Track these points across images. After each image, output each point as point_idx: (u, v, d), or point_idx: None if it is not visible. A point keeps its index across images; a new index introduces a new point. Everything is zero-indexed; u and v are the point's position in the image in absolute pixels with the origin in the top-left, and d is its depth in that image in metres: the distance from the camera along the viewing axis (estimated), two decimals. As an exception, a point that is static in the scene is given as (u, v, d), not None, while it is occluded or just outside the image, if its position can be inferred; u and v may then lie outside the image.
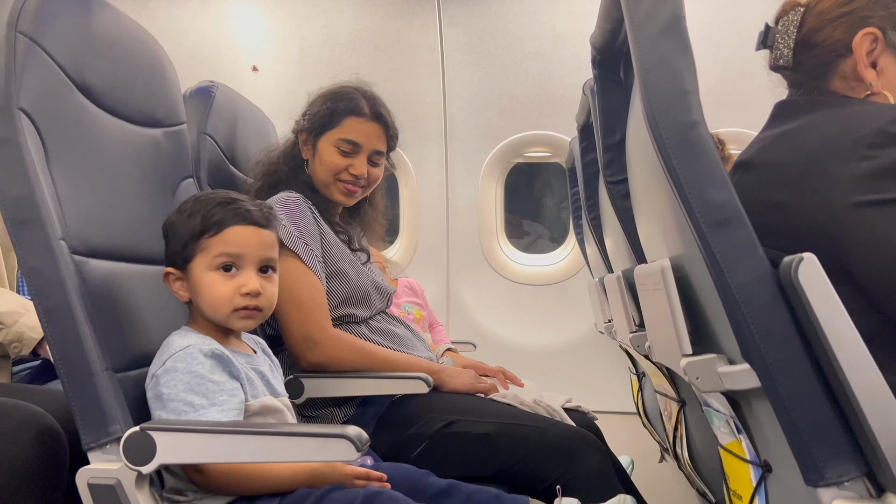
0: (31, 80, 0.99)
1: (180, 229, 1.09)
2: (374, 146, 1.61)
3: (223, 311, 1.08)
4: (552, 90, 2.77)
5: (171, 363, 1.01)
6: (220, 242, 1.07)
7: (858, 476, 0.77)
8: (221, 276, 1.07)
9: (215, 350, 1.04)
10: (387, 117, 1.63)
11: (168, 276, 1.10)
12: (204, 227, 1.08)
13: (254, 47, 2.91)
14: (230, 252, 1.07)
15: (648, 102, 0.84)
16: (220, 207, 1.09)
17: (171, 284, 1.10)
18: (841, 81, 1.02)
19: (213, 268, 1.07)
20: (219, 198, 1.11)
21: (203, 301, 1.08)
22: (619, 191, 1.37)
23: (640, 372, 1.94)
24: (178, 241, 1.09)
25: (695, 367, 0.90)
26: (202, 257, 1.07)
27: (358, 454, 0.86)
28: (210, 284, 1.07)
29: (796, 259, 0.76)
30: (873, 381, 0.73)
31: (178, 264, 1.09)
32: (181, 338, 1.06)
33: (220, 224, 1.08)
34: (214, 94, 1.62)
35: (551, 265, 2.92)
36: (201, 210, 1.09)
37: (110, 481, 0.90)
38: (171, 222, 1.12)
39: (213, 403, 0.98)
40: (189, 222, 1.08)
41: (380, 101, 1.64)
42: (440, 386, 1.59)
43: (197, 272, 1.08)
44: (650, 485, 1.79)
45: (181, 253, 1.08)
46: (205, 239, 1.07)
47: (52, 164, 1.00)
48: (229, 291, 1.07)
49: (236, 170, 1.70)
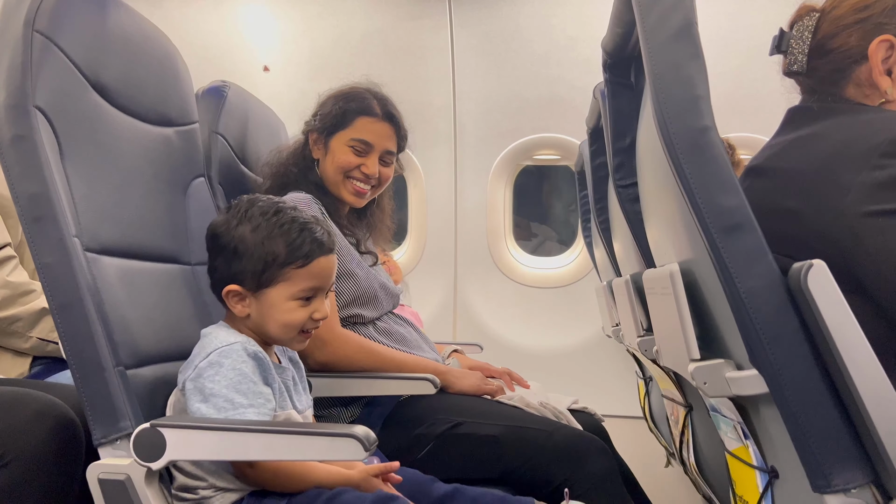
0: (46, 79, 1.00)
1: (256, 249, 1.06)
2: (386, 146, 1.62)
3: (291, 334, 1.09)
4: (562, 93, 2.76)
5: (217, 357, 1.00)
6: (307, 276, 1.07)
7: (866, 483, 0.77)
8: (300, 304, 1.08)
9: (258, 352, 1.04)
10: (398, 118, 1.64)
11: (230, 292, 1.07)
12: (291, 257, 1.06)
13: (265, 47, 2.93)
14: (314, 286, 1.08)
15: (659, 107, 0.84)
16: (302, 235, 1.07)
17: (229, 300, 1.08)
18: (855, 88, 1.02)
19: (295, 298, 1.07)
20: (297, 219, 1.09)
21: (273, 324, 1.08)
22: (629, 195, 1.37)
23: (647, 376, 1.94)
24: (253, 261, 1.06)
25: (702, 372, 0.91)
26: (286, 286, 1.07)
27: (366, 454, 0.86)
28: (288, 312, 1.07)
29: (806, 265, 0.76)
30: (882, 388, 0.73)
31: (248, 285, 1.07)
32: (226, 333, 1.06)
33: (309, 257, 1.07)
34: (226, 93, 1.63)
35: (559, 268, 2.92)
36: (282, 234, 1.06)
37: (120, 477, 0.90)
38: (239, 237, 1.07)
39: (252, 405, 0.98)
40: (270, 246, 1.06)
41: (390, 102, 1.65)
42: (447, 387, 1.59)
43: (275, 299, 1.07)
44: (656, 490, 1.79)
45: (259, 276, 1.06)
46: (290, 269, 1.06)
47: (66, 162, 1.01)
48: (304, 318, 1.08)
49: (247, 169, 1.71)
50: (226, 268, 1.08)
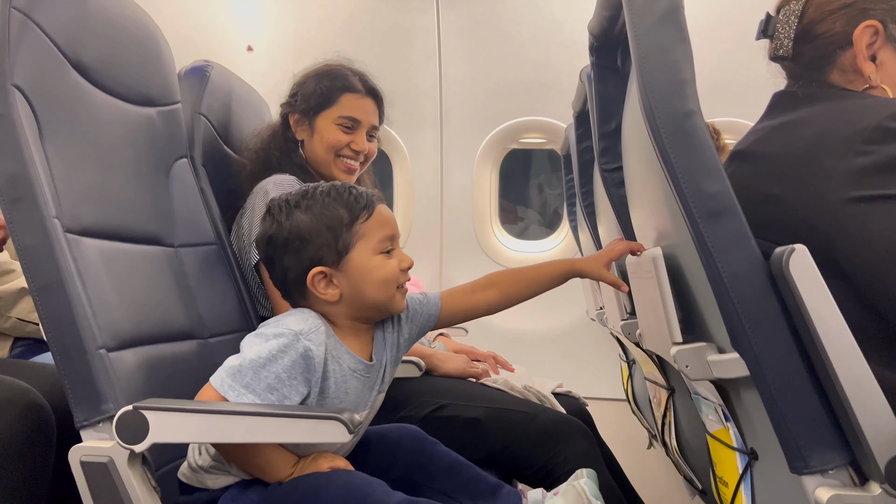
0: (25, 57, 0.98)
1: (319, 224, 1.04)
2: (371, 121, 1.63)
3: (390, 292, 1.07)
4: (549, 76, 2.76)
5: (270, 332, 0.99)
6: (377, 225, 1.06)
7: (843, 465, 0.78)
8: (384, 258, 1.06)
9: (310, 351, 0.99)
10: (379, 92, 1.65)
11: (315, 277, 1.04)
12: (354, 212, 1.05)
13: (248, 27, 2.89)
14: (389, 234, 1.07)
15: (645, 91, 0.84)
16: (352, 193, 1.07)
17: (316, 286, 1.04)
18: (840, 74, 1.02)
19: (378, 252, 1.06)
20: (335, 186, 1.08)
21: (370, 286, 1.05)
22: (614, 179, 1.37)
23: (631, 359, 1.96)
24: (322, 235, 1.04)
25: (685, 356, 0.91)
26: (364, 243, 1.05)
27: (350, 436, 0.87)
28: (378, 267, 1.05)
29: (787, 250, 0.76)
30: (860, 372, 0.74)
31: (329, 260, 1.04)
32: (296, 318, 1.03)
33: (370, 207, 1.07)
34: (209, 73, 1.61)
35: (545, 252, 2.93)
36: (335, 200, 1.06)
37: (103, 459, 0.90)
38: (296, 226, 1.04)
39: (254, 392, 0.94)
40: (331, 215, 1.05)
41: (369, 76, 1.65)
42: (432, 370, 1.60)
43: (361, 259, 1.05)
44: (638, 471, 1.81)
45: (335, 245, 1.04)
46: (360, 224, 1.05)
47: (45, 142, 1.00)
48: (395, 269, 1.07)
49: (230, 150, 1.69)
50: (298, 260, 1.05)
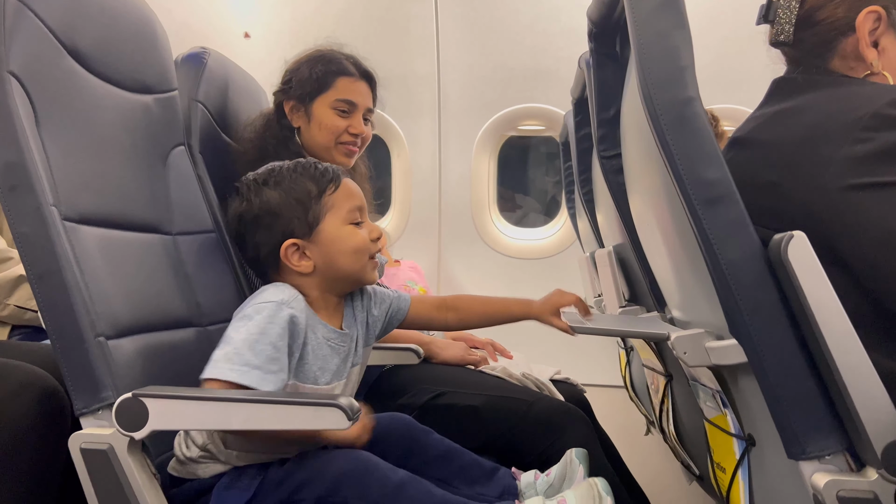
0: (20, 43, 0.97)
1: (289, 198, 1.08)
2: (366, 104, 1.63)
3: (362, 261, 1.11)
4: (547, 63, 2.74)
5: (251, 311, 1.01)
6: (345, 196, 1.11)
7: (839, 451, 0.78)
8: (354, 228, 1.10)
9: (295, 317, 1.02)
10: (372, 74, 1.65)
11: (288, 249, 1.08)
12: (322, 185, 1.10)
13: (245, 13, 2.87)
14: (357, 205, 1.11)
15: (644, 77, 0.84)
16: (317, 167, 1.12)
17: (290, 258, 1.08)
18: (840, 61, 1.01)
19: (348, 222, 1.10)
20: (300, 162, 1.13)
21: (342, 256, 1.09)
22: (613, 166, 1.37)
23: (629, 346, 1.96)
24: (292, 208, 1.08)
25: (683, 342, 0.92)
26: (334, 214, 1.09)
27: (349, 423, 0.87)
28: (349, 236, 1.09)
29: (786, 237, 0.76)
30: (858, 358, 0.75)
31: (300, 232, 1.08)
32: (273, 291, 1.05)
33: (336, 179, 1.11)
34: (206, 60, 1.59)
35: (543, 239, 2.93)
36: (302, 174, 1.10)
37: (103, 446, 0.90)
38: (266, 201, 1.09)
39: (259, 367, 0.95)
40: (299, 188, 1.09)
41: (360, 59, 1.65)
42: (430, 357, 1.60)
43: (331, 230, 1.09)
44: (635, 457, 1.82)
45: (305, 217, 1.08)
46: (328, 196, 1.10)
47: (42, 129, 0.99)
48: (366, 239, 1.11)
49: (228, 138, 1.68)
50: (269, 234, 1.09)
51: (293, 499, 0.93)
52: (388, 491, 0.93)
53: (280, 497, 0.93)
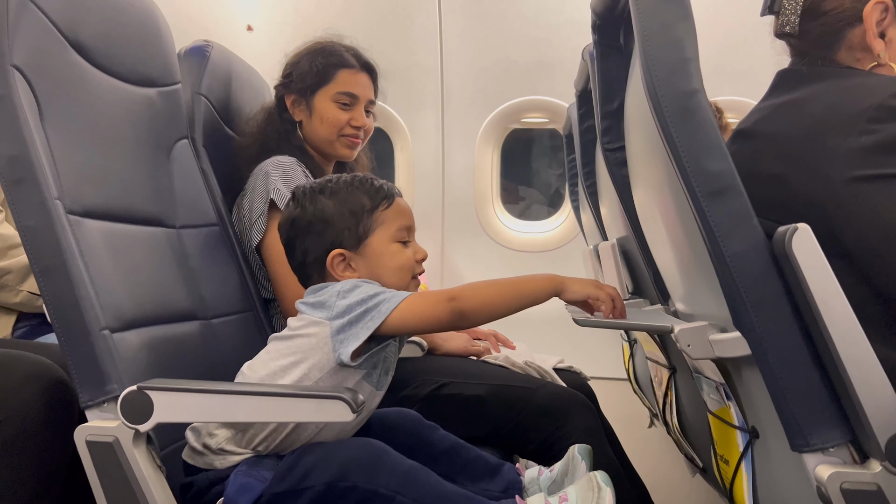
0: (24, 37, 0.97)
1: (343, 209, 1.09)
2: (368, 95, 1.63)
3: (405, 280, 1.11)
4: (551, 55, 2.73)
5: (350, 285, 1.03)
6: (396, 214, 1.12)
7: (843, 443, 0.78)
8: (401, 246, 1.11)
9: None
10: (373, 66, 1.65)
11: (335, 258, 1.08)
12: (376, 201, 1.11)
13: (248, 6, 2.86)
14: (406, 224, 1.12)
15: (648, 69, 0.83)
16: (374, 183, 1.13)
17: (335, 267, 1.09)
18: (847, 52, 1.01)
19: (395, 240, 1.11)
20: (357, 175, 1.14)
21: (387, 271, 1.10)
22: (616, 158, 1.37)
23: (632, 339, 1.96)
24: (345, 219, 1.09)
25: (687, 335, 0.92)
26: (383, 230, 1.10)
27: (353, 415, 0.87)
28: (396, 254, 1.10)
29: (790, 229, 0.76)
30: (862, 351, 0.75)
31: (348, 243, 1.09)
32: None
33: (390, 197, 1.12)
34: (209, 53, 1.59)
35: (546, 232, 2.92)
36: (358, 187, 1.11)
37: (108, 439, 0.91)
38: (321, 209, 1.09)
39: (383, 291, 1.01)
40: (353, 200, 1.10)
41: (361, 51, 1.64)
42: (434, 349, 1.61)
43: (379, 245, 1.10)
44: (638, 449, 1.82)
45: (356, 229, 1.09)
46: (380, 212, 1.11)
47: (46, 123, 0.99)
48: (411, 258, 1.12)
49: (231, 131, 1.69)
50: (319, 241, 1.09)
51: (303, 485, 0.93)
52: (397, 477, 0.93)
53: (291, 483, 0.94)
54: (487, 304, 1.02)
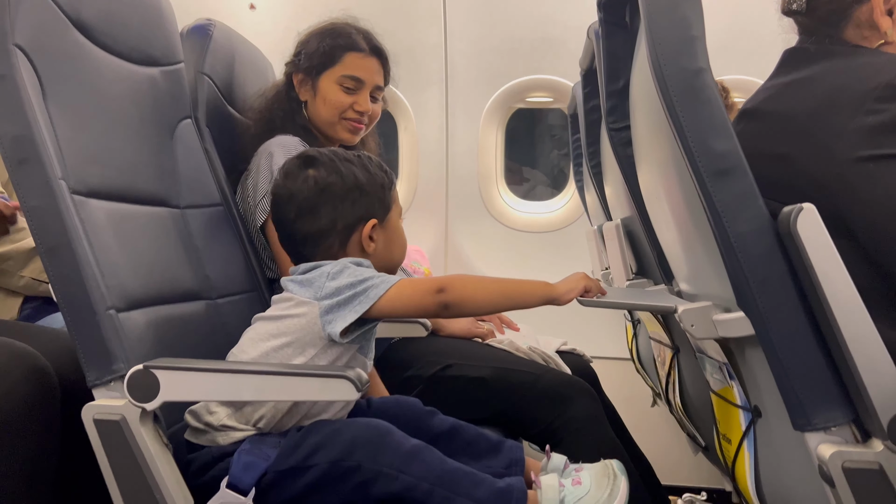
0: (26, 16, 0.97)
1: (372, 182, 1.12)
2: (375, 81, 1.60)
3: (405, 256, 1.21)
4: (556, 33, 2.71)
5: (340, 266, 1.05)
6: (397, 196, 1.19)
7: (845, 422, 0.79)
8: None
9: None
10: (384, 51, 1.62)
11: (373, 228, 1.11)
12: (390, 178, 1.16)
13: (251, -16, 2.84)
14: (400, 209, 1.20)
15: (654, 48, 0.83)
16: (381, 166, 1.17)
17: (366, 238, 1.11)
18: (854, 30, 1.00)
19: (399, 216, 1.18)
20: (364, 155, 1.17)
21: (399, 247, 1.17)
22: (621, 138, 1.36)
23: (636, 319, 1.97)
24: (377, 192, 1.13)
25: (690, 315, 0.92)
26: (395, 208, 1.17)
27: (358, 394, 0.88)
28: (403, 233, 1.19)
29: (796, 209, 0.76)
30: (865, 330, 0.75)
31: (379, 214, 1.13)
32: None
33: (391, 178, 1.17)
34: (212, 32, 1.58)
35: (550, 213, 2.91)
36: (368, 168, 1.14)
37: (115, 417, 0.91)
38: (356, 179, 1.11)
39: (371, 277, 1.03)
40: (378, 175, 1.14)
41: (374, 35, 1.62)
42: (438, 330, 1.61)
43: (395, 221, 1.17)
44: (642, 428, 1.84)
45: (383, 203, 1.14)
46: (393, 191, 1.17)
47: (49, 103, 0.99)
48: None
49: (234, 111, 1.68)
50: (353, 209, 1.11)
51: (308, 463, 0.94)
52: (402, 456, 0.94)
53: (296, 461, 0.95)
54: (474, 301, 1.04)
